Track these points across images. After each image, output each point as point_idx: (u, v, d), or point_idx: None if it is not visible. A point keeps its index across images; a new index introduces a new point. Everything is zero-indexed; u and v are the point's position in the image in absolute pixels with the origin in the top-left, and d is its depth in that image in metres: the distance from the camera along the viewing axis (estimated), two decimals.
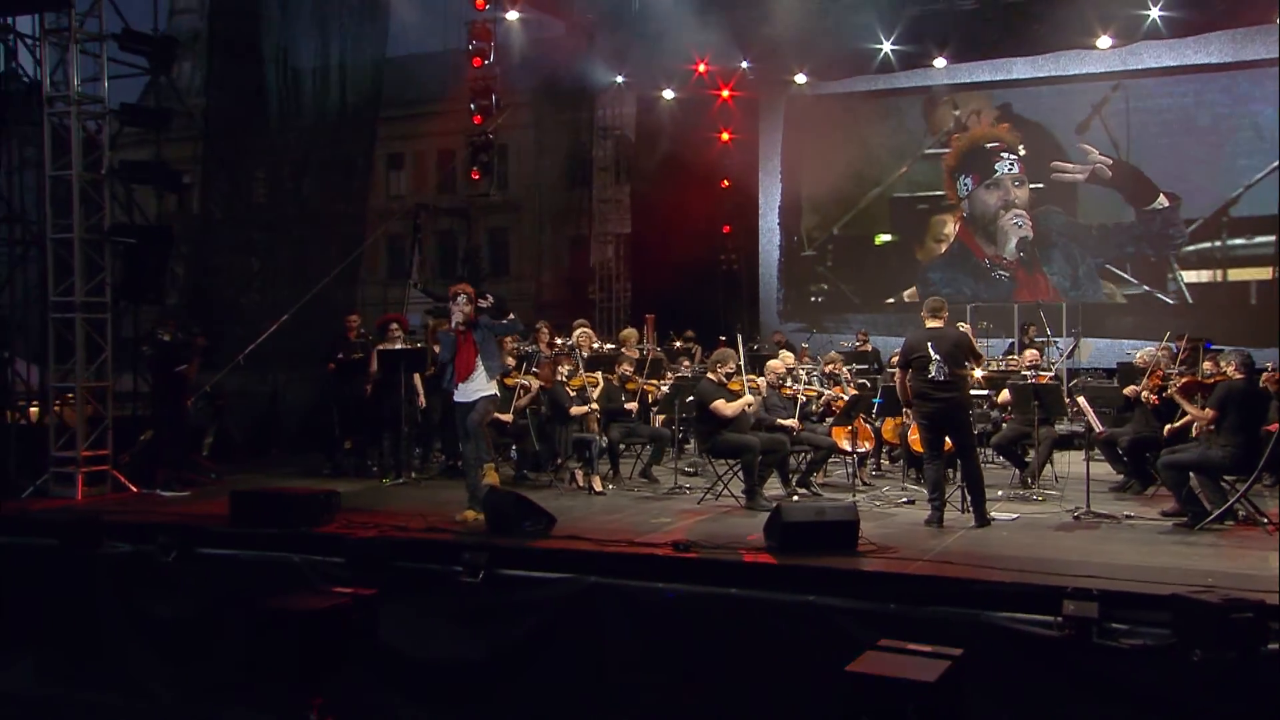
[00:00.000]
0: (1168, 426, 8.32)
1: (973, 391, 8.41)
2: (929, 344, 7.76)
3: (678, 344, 15.86)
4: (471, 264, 20.83)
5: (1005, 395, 9.40)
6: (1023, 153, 16.86)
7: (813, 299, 18.93)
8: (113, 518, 8.05)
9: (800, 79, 18.24)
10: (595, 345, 12.59)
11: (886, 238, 17.99)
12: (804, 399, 9.48)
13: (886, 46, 16.75)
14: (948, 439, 7.77)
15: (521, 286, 23.46)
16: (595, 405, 9.51)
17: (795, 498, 8.85)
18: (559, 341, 11.91)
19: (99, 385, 9.95)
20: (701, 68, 18.43)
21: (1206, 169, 14.72)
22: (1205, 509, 7.26)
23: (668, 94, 19.14)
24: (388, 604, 5.98)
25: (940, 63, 16.97)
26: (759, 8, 16.70)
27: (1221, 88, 15.01)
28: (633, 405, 10.01)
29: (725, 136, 19.58)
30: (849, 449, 9.54)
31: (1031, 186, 16.86)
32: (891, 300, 18.04)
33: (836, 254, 18.56)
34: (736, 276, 19.76)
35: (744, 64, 18.45)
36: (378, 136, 15.26)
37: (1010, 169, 16.73)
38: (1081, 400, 8.84)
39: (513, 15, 16.19)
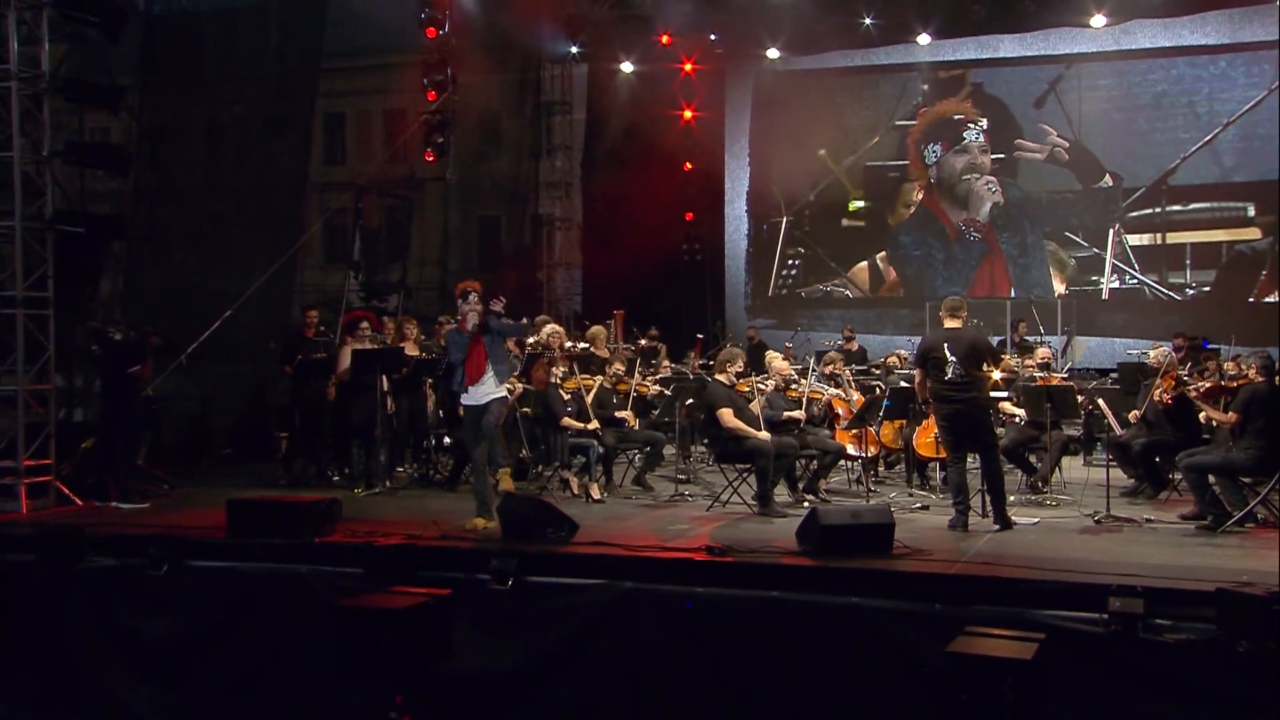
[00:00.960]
0: (1179, 433, 9.36)
1: (992, 393, 9.34)
2: (945, 345, 8.65)
3: (642, 342, 16.64)
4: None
5: (1008, 408, 10.31)
6: (985, 126, 18.73)
7: (791, 263, 20.18)
8: (95, 529, 8.51)
9: (773, 54, 19.12)
10: (567, 345, 13.35)
11: (860, 204, 19.72)
12: (809, 401, 10.33)
13: (868, 21, 17.80)
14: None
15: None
16: (595, 424, 10.21)
17: (806, 504, 9.70)
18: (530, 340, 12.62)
19: (41, 388, 10.34)
20: (665, 39, 19.23)
21: (1148, 142, 17.55)
22: (1227, 511, 8.28)
23: (626, 67, 19.90)
24: None
25: (924, 39, 18.04)
26: None
27: (1161, 68, 17.58)
28: (625, 414, 10.70)
29: (688, 114, 20.39)
30: (856, 454, 10.41)
31: (993, 156, 18.78)
32: (863, 264, 19.58)
33: (813, 219, 20.00)
34: (700, 268, 20.51)
35: (711, 36, 19.30)
36: (318, 93, 15.60)
37: (977, 138, 18.74)
38: (1101, 402, 9.85)
39: None
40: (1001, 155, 18.61)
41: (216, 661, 7.94)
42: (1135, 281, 17.86)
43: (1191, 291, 17.55)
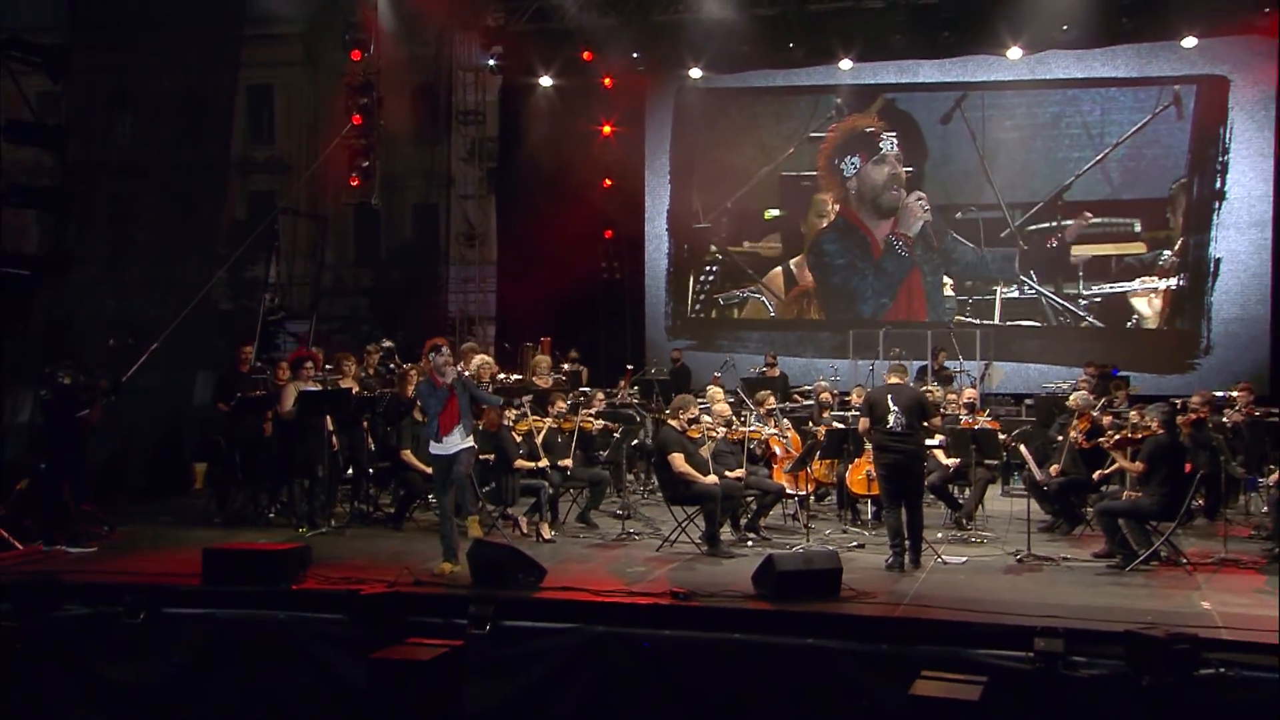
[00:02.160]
0: (1098, 472, 10.98)
1: (927, 441, 10.81)
2: (889, 397, 10.09)
3: (565, 366, 17.85)
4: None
5: (941, 456, 11.79)
6: (896, 138, 20.72)
7: (709, 269, 21.73)
8: (69, 578, 9.39)
9: (695, 73, 20.45)
10: (500, 376, 14.48)
11: (775, 212, 21.44)
12: (751, 442, 11.67)
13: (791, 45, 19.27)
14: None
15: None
16: (546, 462, 11.40)
17: (748, 541, 11.04)
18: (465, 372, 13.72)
19: None
20: (586, 55, 20.38)
21: (1045, 160, 19.75)
22: (1134, 551, 9.85)
23: (545, 81, 21.01)
24: None
25: (846, 64, 19.58)
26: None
27: (1059, 92, 19.67)
28: (566, 461, 11.86)
29: (607, 130, 21.59)
30: (794, 492, 11.78)
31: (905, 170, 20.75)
32: (778, 269, 21.39)
33: (729, 226, 21.61)
34: (620, 287, 21.75)
35: (634, 54, 20.51)
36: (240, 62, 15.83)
37: (892, 149, 20.59)
38: (1022, 448, 11.38)
39: None
40: (910, 169, 20.46)
41: (196, 709, 8.88)
42: (1033, 292, 19.82)
43: (1084, 302, 19.54)
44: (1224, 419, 12.75)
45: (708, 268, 21.75)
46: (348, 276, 25.32)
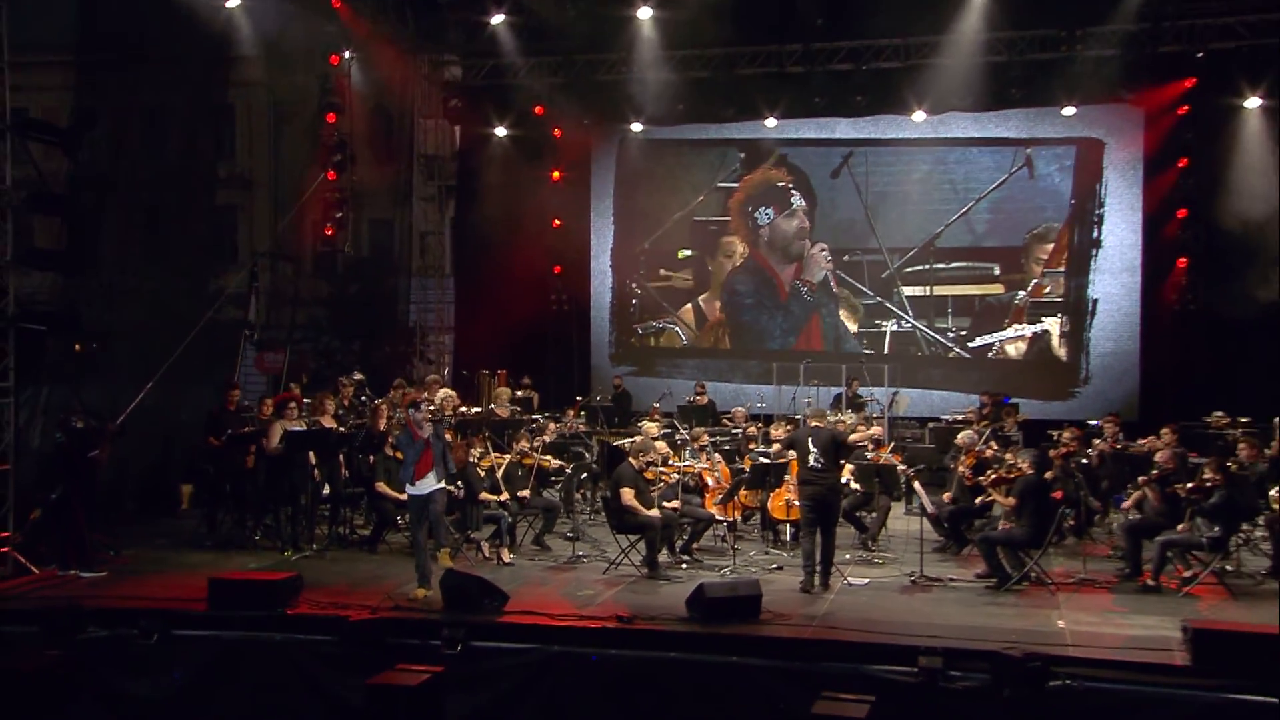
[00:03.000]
0: (980, 498, 12.05)
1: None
2: (809, 439, 11.06)
3: (519, 393, 18.71)
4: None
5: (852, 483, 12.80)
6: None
7: (633, 301, 22.80)
8: (88, 603, 10.09)
9: (636, 127, 21.41)
10: (462, 409, 15.31)
11: (687, 252, 22.63)
12: (685, 475, 12.61)
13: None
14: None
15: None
16: (506, 495, 12.27)
17: (683, 563, 11.97)
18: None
19: (2, 469, 11.75)
20: (538, 110, 21.27)
21: (918, 212, 21.16)
22: (1009, 574, 10.91)
23: (500, 131, 21.82)
24: None
25: (771, 122, 20.59)
26: (605, 60, 19.79)
27: (929, 152, 21.07)
28: (525, 493, 12.72)
29: (556, 175, 22.47)
30: (723, 519, 12.72)
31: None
32: (689, 305, 22.64)
33: (647, 264, 22.80)
34: (567, 318, 22.68)
35: (580, 110, 21.40)
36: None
37: (801, 203, 21.85)
38: (917, 485, 12.41)
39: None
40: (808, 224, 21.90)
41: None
42: (909, 326, 21.11)
43: (952, 335, 20.92)
44: (1090, 449, 13.84)
45: (632, 300, 22.83)
46: (304, 287, 25.42)
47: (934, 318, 20.99)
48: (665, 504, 11.98)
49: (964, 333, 20.81)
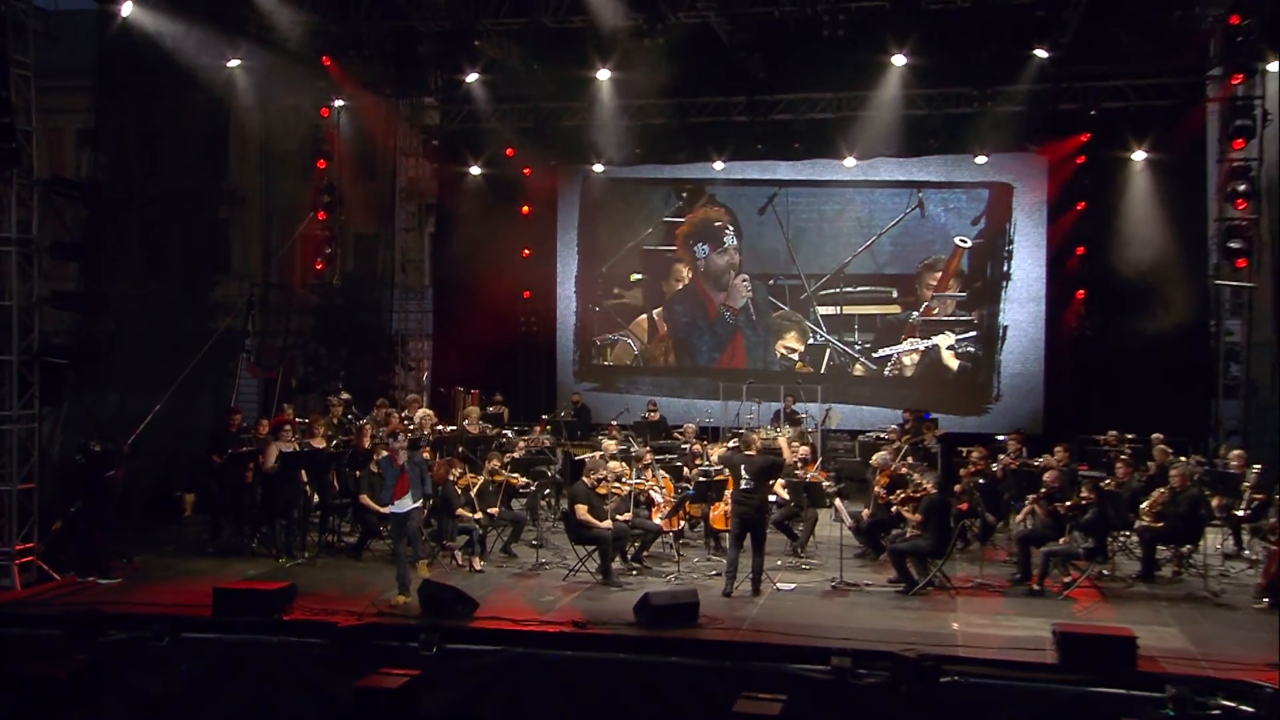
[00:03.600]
0: (894, 507, 12.78)
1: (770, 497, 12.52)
2: (741, 465, 11.74)
3: (490, 408, 19.30)
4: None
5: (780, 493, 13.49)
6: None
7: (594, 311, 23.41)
8: (107, 608, 10.61)
9: (598, 167, 22.07)
10: (439, 427, 15.90)
11: (638, 276, 23.47)
12: (636, 492, 13.25)
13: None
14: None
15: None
16: (479, 514, 12.90)
17: (634, 570, 12.62)
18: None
19: (28, 488, 12.25)
20: (509, 152, 21.91)
21: (832, 243, 22.23)
22: (915, 580, 11.65)
23: (475, 169, 22.39)
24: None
25: (719, 165, 21.33)
26: (569, 109, 20.44)
27: (839, 192, 22.16)
28: (495, 510, 13.35)
29: (526, 209, 23.09)
30: (669, 530, 13.38)
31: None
32: (644, 317, 23.39)
33: (604, 285, 23.54)
34: (535, 338, 23.29)
35: (548, 152, 22.05)
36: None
37: (733, 241, 22.80)
38: (839, 503, 13.10)
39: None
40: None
41: (210, 712, 10.18)
42: (823, 339, 22.15)
43: (858, 347, 21.96)
44: (995, 465, 14.58)
45: (594, 309, 23.59)
46: (295, 299, 25.54)
47: (843, 333, 22.24)
48: (618, 516, 12.62)
49: (868, 345, 22.03)
